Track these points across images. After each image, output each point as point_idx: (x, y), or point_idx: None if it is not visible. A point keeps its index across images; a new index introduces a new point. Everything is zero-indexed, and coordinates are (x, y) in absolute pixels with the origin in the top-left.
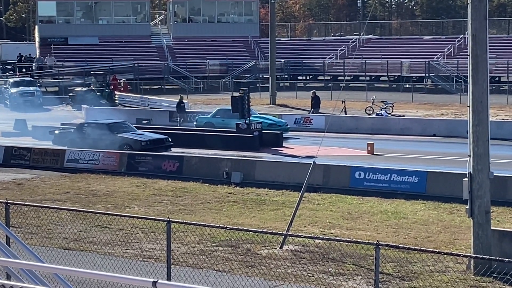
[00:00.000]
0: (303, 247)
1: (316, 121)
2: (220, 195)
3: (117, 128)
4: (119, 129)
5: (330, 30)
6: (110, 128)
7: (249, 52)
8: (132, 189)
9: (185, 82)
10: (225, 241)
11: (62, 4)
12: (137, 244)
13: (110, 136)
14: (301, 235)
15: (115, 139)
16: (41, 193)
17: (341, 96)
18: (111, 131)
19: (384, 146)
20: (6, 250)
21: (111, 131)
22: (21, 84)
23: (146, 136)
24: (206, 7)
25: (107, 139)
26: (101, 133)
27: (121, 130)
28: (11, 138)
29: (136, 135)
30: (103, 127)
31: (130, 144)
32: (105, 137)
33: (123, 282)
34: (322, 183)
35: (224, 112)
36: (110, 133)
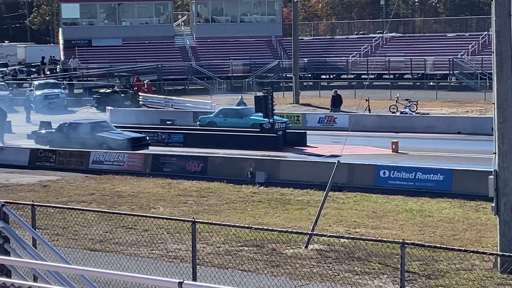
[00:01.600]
0: (329, 246)
1: (340, 120)
2: (244, 195)
3: (96, 128)
4: (98, 128)
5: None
6: (89, 127)
7: (272, 51)
8: (157, 189)
9: (208, 83)
10: (250, 241)
11: (86, 6)
12: (162, 245)
13: (89, 136)
14: (326, 234)
15: (93, 138)
16: (67, 195)
17: (365, 95)
18: (90, 131)
19: (409, 144)
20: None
21: (90, 131)
22: (46, 87)
23: (123, 135)
24: (228, 7)
25: (86, 139)
26: (81, 133)
27: (100, 129)
28: None
29: (114, 134)
30: (82, 126)
31: (107, 143)
32: (84, 137)
33: (149, 283)
34: (347, 182)
35: (226, 112)
36: (89, 132)
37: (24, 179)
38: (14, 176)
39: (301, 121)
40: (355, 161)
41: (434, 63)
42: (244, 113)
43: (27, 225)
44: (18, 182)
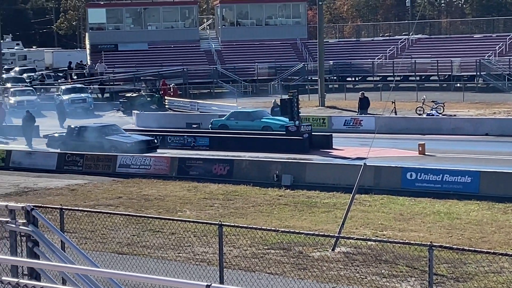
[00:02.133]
0: (356, 249)
1: (366, 122)
2: (270, 198)
3: (106, 131)
4: (108, 132)
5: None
6: (99, 131)
7: (297, 54)
8: (184, 193)
9: (234, 86)
10: (276, 244)
11: (112, 11)
12: (189, 248)
13: (99, 139)
14: (353, 237)
15: (103, 141)
16: (94, 198)
17: (391, 97)
18: (99, 134)
19: (436, 146)
20: (62, 255)
21: (100, 134)
22: (73, 91)
23: (132, 138)
24: (253, 11)
25: (95, 142)
26: (90, 136)
27: (109, 132)
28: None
29: (122, 137)
30: (91, 130)
31: (116, 146)
32: (93, 140)
33: (176, 286)
34: (373, 184)
35: (237, 115)
36: (98, 135)
37: (52, 183)
38: (42, 180)
39: (327, 123)
40: (381, 164)
41: (460, 64)
42: (255, 115)
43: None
44: (46, 186)
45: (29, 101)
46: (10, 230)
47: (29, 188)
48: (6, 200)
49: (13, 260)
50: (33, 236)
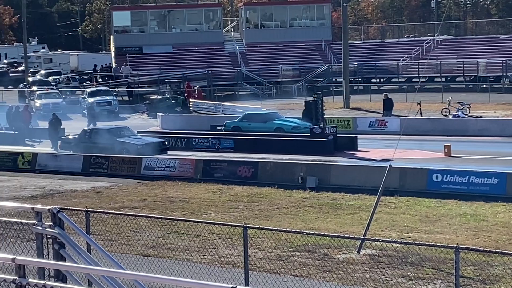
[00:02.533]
0: (381, 251)
1: (391, 123)
2: (295, 200)
3: (117, 133)
4: (119, 134)
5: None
6: (110, 133)
7: (321, 56)
8: (208, 195)
9: (258, 88)
10: (301, 246)
11: (137, 14)
12: (214, 250)
13: (110, 141)
14: (378, 239)
15: (114, 143)
16: (120, 201)
17: (416, 98)
18: (110, 136)
19: (462, 147)
20: (87, 257)
21: (111, 136)
22: (98, 94)
23: (143, 140)
24: (278, 12)
25: (107, 144)
26: (102, 138)
27: (120, 134)
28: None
29: (133, 139)
30: (103, 132)
31: (127, 148)
32: (105, 142)
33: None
34: (399, 186)
35: (250, 116)
36: (110, 137)
37: (77, 185)
38: (68, 182)
39: (352, 125)
40: (407, 165)
41: (486, 65)
42: (267, 117)
43: (82, 231)
44: (72, 188)
45: (55, 104)
46: (37, 232)
47: (55, 191)
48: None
49: (40, 262)
50: (59, 238)
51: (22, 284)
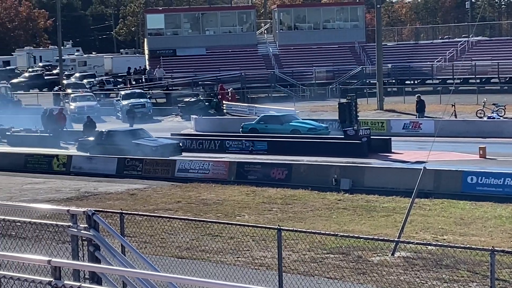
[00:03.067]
0: (415, 254)
1: (425, 125)
2: (329, 202)
3: (132, 135)
4: (135, 135)
5: (438, 33)
6: (126, 135)
7: (355, 58)
8: (242, 197)
9: (291, 90)
10: (335, 248)
11: (170, 16)
12: (248, 252)
13: (126, 142)
14: (413, 242)
15: (129, 145)
16: (154, 203)
17: (451, 100)
18: (126, 138)
19: (497, 149)
20: (122, 259)
21: (126, 138)
22: (132, 96)
23: (157, 142)
24: (311, 14)
25: (123, 145)
26: (118, 140)
27: (136, 136)
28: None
29: (148, 141)
30: (119, 134)
31: (142, 150)
32: (121, 143)
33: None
34: (433, 188)
35: (267, 119)
36: (125, 139)
37: (112, 187)
38: (102, 184)
39: (386, 127)
40: (441, 167)
41: None
42: (284, 119)
43: (117, 233)
44: (106, 190)
45: (89, 106)
46: (72, 234)
47: (89, 193)
48: (67, 205)
49: (75, 264)
50: (94, 240)
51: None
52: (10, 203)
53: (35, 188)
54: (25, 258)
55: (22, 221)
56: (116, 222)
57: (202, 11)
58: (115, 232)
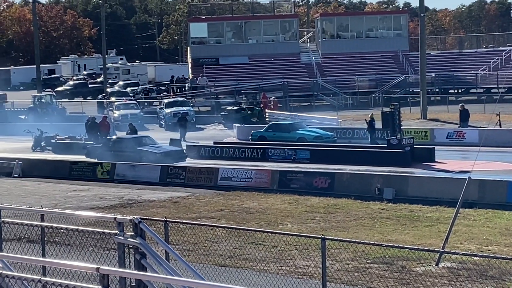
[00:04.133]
0: (460, 264)
1: (470, 135)
2: (372, 211)
3: (138, 142)
4: (140, 143)
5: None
6: (132, 141)
7: (398, 66)
8: (284, 206)
9: (334, 99)
10: (379, 258)
11: (213, 25)
12: (291, 261)
13: (131, 149)
14: (458, 252)
15: (135, 151)
16: (197, 211)
17: (496, 109)
18: (132, 145)
19: None
20: (168, 267)
21: (133, 145)
22: (175, 105)
23: (162, 149)
24: (354, 23)
25: (129, 152)
26: (124, 147)
27: (141, 143)
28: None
29: (153, 148)
30: (125, 141)
31: (146, 156)
32: (127, 150)
33: None
34: (478, 198)
35: (275, 127)
36: (131, 146)
37: (155, 195)
38: (145, 192)
39: (429, 136)
40: (486, 177)
41: None
42: (291, 127)
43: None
44: (149, 198)
45: (133, 114)
46: (119, 242)
47: (133, 200)
48: (111, 212)
49: (123, 272)
50: (140, 248)
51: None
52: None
53: (79, 195)
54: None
55: (69, 228)
56: (159, 230)
57: (245, 19)
58: (161, 240)
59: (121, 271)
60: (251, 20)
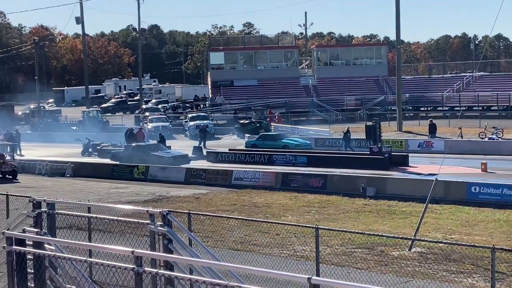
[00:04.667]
0: (428, 250)
1: (437, 144)
2: (357, 206)
3: (152, 148)
4: (153, 149)
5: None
6: (147, 148)
7: (379, 88)
8: (286, 201)
9: (327, 114)
10: (362, 244)
11: (229, 54)
12: (291, 246)
13: (145, 154)
14: (426, 240)
15: (149, 156)
16: (214, 205)
17: (458, 124)
18: (147, 150)
19: (496, 165)
20: (190, 251)
21: (147, 150)
22: (197, 119)
23: (170, 154)
24: (343, 53)
25: (143, 156)
26: (140, 152)
27: (154, 149)
28: (190, 162)
29: (164, 153)
30: (141, 147)
31: (158, 160)
32: (142, 154)
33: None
34: (443, 196)
35: (264, 137)
36: (146, 151)
37: (181, 192)
38: (173, 190)
39: (404, 145)
40: (450, 179)
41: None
42: (278, 137)
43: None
44: (176, 194)
45: (163, 126)
46: (150, 230)
47: (163, 196)
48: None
49: (153, 254)
50: (168, 235)
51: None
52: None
53: (119, 192)
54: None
55: (111, 218)
56: (184, 220)
57: (254, 50)
58: (185, 228)
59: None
60: (260, 50)
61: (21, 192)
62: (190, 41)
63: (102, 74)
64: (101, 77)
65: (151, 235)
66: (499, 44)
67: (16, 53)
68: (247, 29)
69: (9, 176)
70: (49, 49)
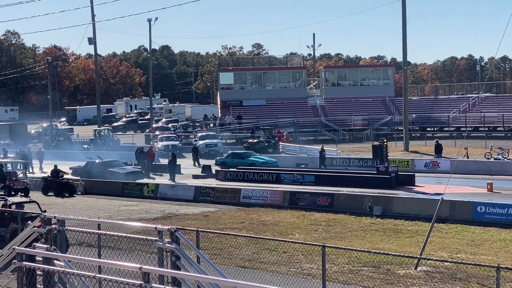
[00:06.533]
0: (434, 268)
1: (443, 164)
2: (364, 225)
3: (109, 165)
4: (111, 165)
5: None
6: (103, 164)
7: (386, 109)
8: (293, 220)
9: (334, 134)
10: (369, 262)
11: (238, 74)
12: (298, 264)
13: (103, 170)
14: (432, 258)
15: (107, 172)
16: (223, 223)
17: (464, 144)
18: (104, 167)
19: (502, 185)
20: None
21: (104, 167)
22: (207, 137)
23: (126, 170)
24: (351, 74)
25: (102, 172)
26: (97, 168)
27: (112, 165)
28: (199, 180)
29: (120, 169)
30: (99, 164)
31: (114, 175)
32: (100, 170)
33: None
34: (449, 215)
35: (233, 155)
36: (103, 168)
37: (189, 210)
38: (182, 207)
39: (410, 165)
40: (456, 198)
41: None
42: (245, 155)
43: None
44: (185, 212)
45: (173, 145)
46: (158, 247)
47: (172, 214)
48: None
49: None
50: (176, 252)
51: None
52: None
53: (129, 209)
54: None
55: (120, 235)
56: (193, 238)
57: (263, 70)
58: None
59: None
60: (268, 71)
61: (32, 209)
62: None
63: (114, 93)
64: (112, 96)
65: (159, 252)
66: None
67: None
68: (256, 50)
69: (21, 193)
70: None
